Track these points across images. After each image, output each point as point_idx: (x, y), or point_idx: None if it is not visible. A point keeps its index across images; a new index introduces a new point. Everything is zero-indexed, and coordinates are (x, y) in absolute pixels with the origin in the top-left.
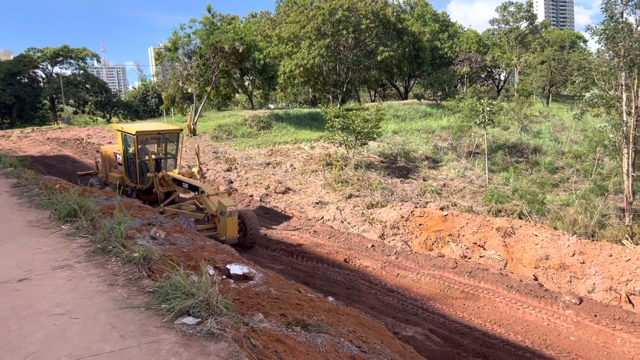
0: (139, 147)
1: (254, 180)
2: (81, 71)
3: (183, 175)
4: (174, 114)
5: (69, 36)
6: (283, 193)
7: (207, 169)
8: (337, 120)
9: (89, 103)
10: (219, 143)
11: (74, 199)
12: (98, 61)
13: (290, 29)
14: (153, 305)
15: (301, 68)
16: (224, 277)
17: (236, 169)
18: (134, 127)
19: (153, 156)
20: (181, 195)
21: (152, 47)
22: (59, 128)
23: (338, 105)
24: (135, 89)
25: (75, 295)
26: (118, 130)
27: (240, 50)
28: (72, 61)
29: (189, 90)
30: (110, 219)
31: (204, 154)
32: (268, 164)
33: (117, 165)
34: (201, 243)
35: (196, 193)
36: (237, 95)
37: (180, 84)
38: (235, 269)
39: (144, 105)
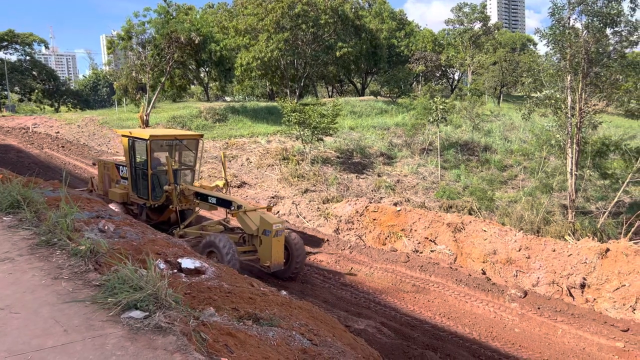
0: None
1: (209, 173)
2: (27, 57)
3: (204, 188)
4: (127, 105)
5: (14, 20)
6: (238, 187)
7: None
8: (294, 114)
9: (36, 91)
10: None
11: (17, 190)
12: (46, 47)
13: (248, 21)
14: (99, 299)
15: (259, 61)
16: (175, 271)
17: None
18: (145, 131)
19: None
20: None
21: (105, 35)
22: (3, 116)
23: (295, 100)
24: (85, 77)
25: (16, 289)
26: (124, 135)
27: (196, 41)
28: (17, 47)
29: (143, 81)
30: (56, 211)
31: None
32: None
33: (119, 180)
34: (152, 236)
35: (231, 209)
36: (192, 86)
37: (134, 74)
38: (187, 262)
39: (94, 95)
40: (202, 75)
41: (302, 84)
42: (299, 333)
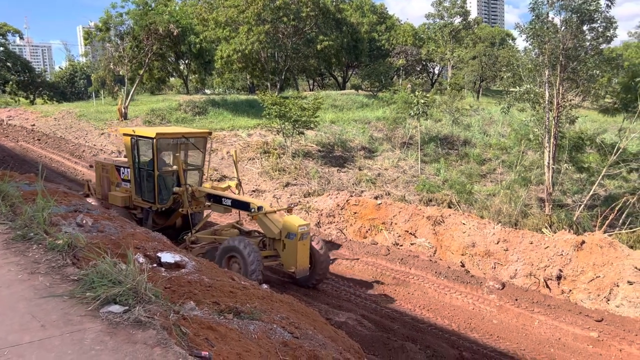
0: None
1: None
2: (1, 48)
3: (216, 190)
4: (104, 97)
5: None
6: (219, 181)
7: None
8: (275, 108)
9: (10, 82)
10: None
11: None
12: (21, 38)
13: (228, 13)
14: (77, 294)
15: (239, 54)
16: (155, 265)
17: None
18: (150, 129)
19: (175, 167)
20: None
21: (81, 26)
22: None
23: (276, 93)
24: (62, 69)
25: None
26: (127, 134)
27: (175, 33)
28: None
29: (121, 73)
30: (32, 205)
31: None
32: None
33: (119, 183)
34: (131, 230)
35: (251, 211)
36: (171, 79)
37: (112, 66)
38: (167, 257)
39: (71, 87)
40: (181, 67)
41: (283, 77)
42: (280, 326)
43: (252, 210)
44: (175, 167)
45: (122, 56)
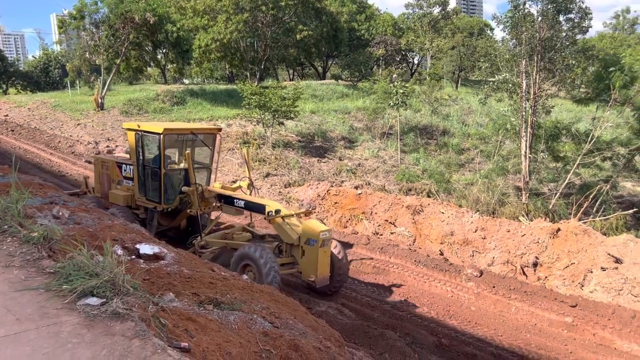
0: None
1: None
2: None
3: (226, 190)
4: (80, 87)
5: None
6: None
7: (117, 146)
8: (254, 97)
9: None
10: (129, 118)
11: None
12: None
13: (206, 2)
14: (53, 287)
15: (217, 43)
16: (133, 257)
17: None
18: (157, 125)
19: (182, 165)
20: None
21: (55, 14)
22: None
23: (256, 83)
24: (35, 58)
25: None
26: (130, 129)
27: (152, 22)
28: None
29: (97, 62)
30: (6, 197)
31: (112, 130)
32: None
33: (120, 181)
34: (109, 222)
35: (268, 214)
36: (149, 69)
37: (87, 55)
38: (145, 248)
39: (45, 77)
40: (159, 57)
41: (262, 67)
42: (260, 316)
43: (269, 213)
44: (182, 164)
45: (98, 45)
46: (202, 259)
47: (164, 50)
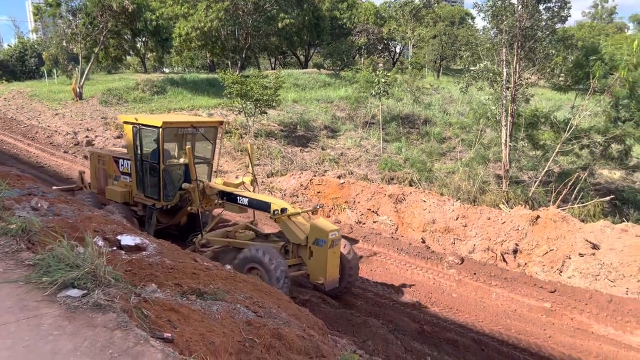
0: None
1: None
2: None
3: (228, 186)
4: (58, 76)
5: None
6: (114, 147)
7: (96, 136)
8: (235, 87)
9: None
10: (108, 108)
11: None
12: None
13: None
14: (33, 279)
15: (198, 31)
16: (115, 248)
17: None
18: (156, 118)
19: (182, 160)
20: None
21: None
22: None
23: (237, 72)
24: (11, 47)
25: None
26: (128, 122)
27: (130, 10)
28: None
29: (75, 51)
30: None
31: (91, 120)
32: None
33: (117, 176)
34: (89, 213)
35: (274, 213)
36: (128, 57)
37: (64, 44)
38: (127, 239)
39: (21, 66)
40: (138, 45)
41: (243, 56)
42: (243, 306)
43: (275, 212)
44: (182, 159)
45: (75, 33)
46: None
47: (144, 39)
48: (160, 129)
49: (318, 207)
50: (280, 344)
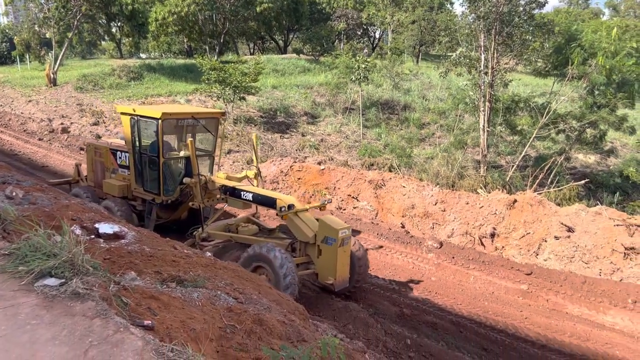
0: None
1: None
2: None
3: (231, 180)
4: (30, 61)
5: None
6: (111, 138)
7: (72, 123)
8: (214, 72)
9: None
10: (84, 94)
11: None
12: None
13: None
14: (9, 269)
15: (175, 16)
16: (93, 236)
17: (104, 122)
18: (155, 109)
19: (182, 153)
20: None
21: None
22: None
23: (215, 57)
24: None
25: None
26: (125, 113)
27: None
28: None
29: (47, 35)
30: None
31: (66, 106)
32: None
33: (115, 169)
34: (66, 202)
35: (280, 210)
36: (103, 43)
37: (37, 28)
38: (105, 227)
39: None
40: (113, 30)
41: (221, 41)
42: (224, 292)
43: (282, 209)
44: (183, 152)
45: (48, 17)
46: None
47: (119, 24)
48: (160, 121)
49: (326, 202)
50: (261, 330)
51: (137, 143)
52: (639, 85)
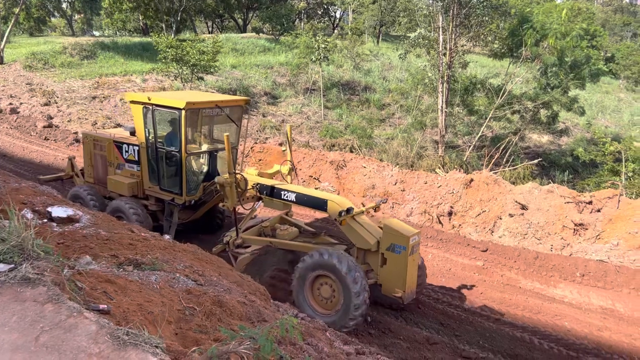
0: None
1: (78, 115)
2: None
3: (262, 177)
4: None
5: None
6: (113, 129)
7: (21, 103)
8: (170, 51)
9: None
10: (34, 73)
11: None
12: None
13: None
14: None
15: None
16: (45, 220)
17: (56, 103)
18: (175, 97)
19: (205, 147)
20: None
21: None
22: None
23: (172, 35)
24: None
25: None
26: (136, 102)
27: None
28: None
29: None
30: None
31: (15, 86)
32: (94, 97)
33: (120, 164)
34: (16, 185)
35: (340, 215)
36: (53, 19)
37: None
38: (58, 211)
39: None
40: (63, 6)
41: (178, 18)
42: (183, 275)
43: (342, 214)
44: (205, 146)
45: None
46: (238, 265)
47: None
48: (183, 111)
49: (381, 202)
50: (221, 311)
51: (151, 136)
52: (589, 69)
